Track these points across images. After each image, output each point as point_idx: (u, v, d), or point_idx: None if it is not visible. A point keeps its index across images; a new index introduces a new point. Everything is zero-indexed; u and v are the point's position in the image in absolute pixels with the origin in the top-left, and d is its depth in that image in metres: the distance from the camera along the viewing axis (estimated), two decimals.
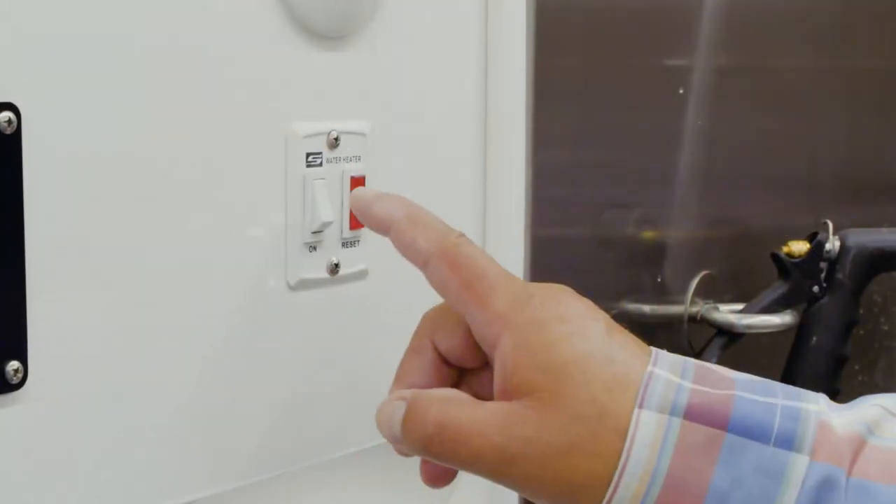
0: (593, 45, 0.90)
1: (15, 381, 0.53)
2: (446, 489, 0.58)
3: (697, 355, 1.01)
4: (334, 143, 0.65)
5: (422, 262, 0.56)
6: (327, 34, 0.64)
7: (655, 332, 1.01)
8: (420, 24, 0.70)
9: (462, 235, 0.56)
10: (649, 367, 0.51)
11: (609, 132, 0.93)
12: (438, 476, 0.57)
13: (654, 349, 0.53)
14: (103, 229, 0.56)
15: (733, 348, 1.03)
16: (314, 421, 0.67)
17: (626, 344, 0.52)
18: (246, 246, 0.62)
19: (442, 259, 0.55)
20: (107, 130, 0.56)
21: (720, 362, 1.02)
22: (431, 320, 0.57)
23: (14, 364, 0.53)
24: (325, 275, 0.65)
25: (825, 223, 1.05)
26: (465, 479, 0.56)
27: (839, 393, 1.06)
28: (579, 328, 0.52)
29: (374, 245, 0.65)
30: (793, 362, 1.06)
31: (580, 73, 0.89)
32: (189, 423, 0.61)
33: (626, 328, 0.54)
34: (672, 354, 0.53)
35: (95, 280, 0.56)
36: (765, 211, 1.11)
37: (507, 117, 0.76)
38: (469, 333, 0.55)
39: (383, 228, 0.58)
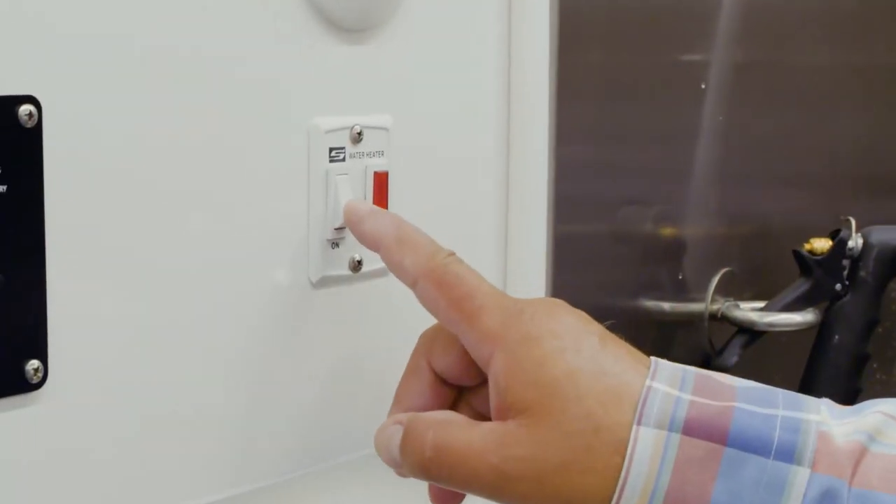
0: (615, 40, 0.89)
1: (35, 380, 0.52)
2: None
3: (718, 354, 1.01)
4: (357, 137, 0.64)
5: (410, 282, 0.56)
6: (349, 27, 0.64)
7: (675, 330, 1.00)
8: (443, 18, 0.69)
9: (451, 255, 0.56)
10: (647, 382, 0.51)
11: (630, 128, 0.92)
12: (447, 498, 0.57)
13: (652, 359, 0.52)
14: (124, 227, 0.55)
15: (754, 347, 1.02)
16: (338, 419, 0.66)
17: (620, 356, 0.52)
18: (268, 242, 0.61)
19: (429, 279, 0.55)
20: (128, 126, 0.55)
21: (741, 360, 1.01)
22: (427, 341, 0.58)
23: (34, 363, 0.52)
24: (347, 272, 0.64)
25: (847, 220, 1.04)
26: None
27: (861, 392, 1.05)
28: (572, 342, 0.52)
29: None
30: (814, 361, 1.05)
31: (601, 69, 0.88)
32: (210, 422, 0.60)
33: (645, 326, 0.53)
34: (671, 364, 0.52)
35: (116, 278, 0.55)
36: (785, 207, 1.11)
37: (530, 113, 0.76)
38: (464, 352, 0.55)
39: (373, 247, 0.59)
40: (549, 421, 0.50)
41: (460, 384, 0.57)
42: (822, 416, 0.50)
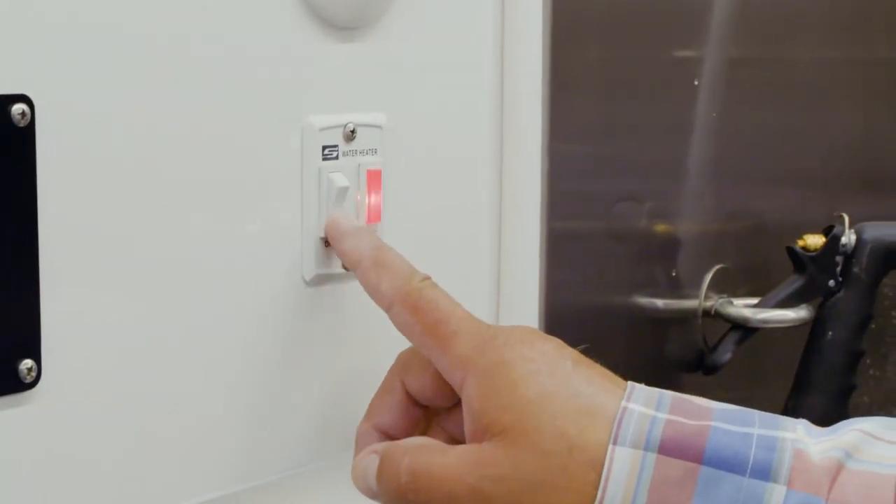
0: (608, 37, 0.89)
1: (29, 379, 0.52)
2: None
3: (712, 350, 1.01)
4: (351, 135, 0.64)
5: (386, 305, 0.57)
6: (343, 25, 0.64)
7: (669, 327, 1.00)
8: (437, 16, 0.69)
9: (426, 279, 0.57)
10: (623, 402, 0.51)
11: (623, 125, 0.92)
12: None
13: (629, 383, 0.53)
14: (118, 226, 0.55)
15: (748, 343, 1.02)
16: (333, 416, 0.66)
17: (593, 378, 0.53)
18: (262, 241, 0.61)
19: (404, 304, 0.56)
20: (122, 125, 0.55)
21: (734, 357, 1.01)
22: (402, 361, 0.59)
23: (28, 362, 0.52)
24: (341, 270, 0.64)
25: (841, 216, 1.04)
26: None
27: (855, 388, 1.05)
28: (545, 366, 0.53)
29: (389, 239, 0.64)
30: (808, 358, 1.05)
31: (594, 66, 0.89)
32: (204, 420, 0.60)
33: (639, 323, 0.54)
34: (647, 387, 0.53)
35: (109, 277, 0.55)
36: (779, 204, 1.11)
37: (524, 110, 0.76)
38: (438, 375, 0.56)
39: (351, 266, 0.60)
40: (525, 441, 0.51)
41: (433, 405, 0.58)
42: (798, 434, 0.51)
